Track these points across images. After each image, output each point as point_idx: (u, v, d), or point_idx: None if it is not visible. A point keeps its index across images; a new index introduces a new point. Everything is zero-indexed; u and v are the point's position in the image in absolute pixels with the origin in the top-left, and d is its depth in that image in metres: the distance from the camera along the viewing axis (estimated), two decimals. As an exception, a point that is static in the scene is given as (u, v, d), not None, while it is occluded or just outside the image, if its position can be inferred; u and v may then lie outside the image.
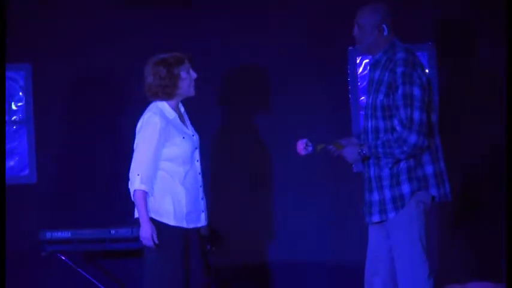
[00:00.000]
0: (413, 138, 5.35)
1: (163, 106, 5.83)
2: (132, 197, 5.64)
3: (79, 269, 7.10)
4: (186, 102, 5.90)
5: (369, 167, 5.58)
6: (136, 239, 5.87)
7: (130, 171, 5.67)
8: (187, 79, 5.82)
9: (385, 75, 5.50)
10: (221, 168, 7.57)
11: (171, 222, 5.66)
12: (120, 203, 6.55)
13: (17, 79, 7.76)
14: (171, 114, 5.84)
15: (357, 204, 5.97)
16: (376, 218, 5.49)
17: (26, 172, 7.65)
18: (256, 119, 7.68)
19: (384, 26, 5.51)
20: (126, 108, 7.35)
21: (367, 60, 7.33)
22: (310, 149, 5.66)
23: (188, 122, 5.90)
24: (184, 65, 5.83)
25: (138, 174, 5.60)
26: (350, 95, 7.45)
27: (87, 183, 7.60)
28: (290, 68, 7.48)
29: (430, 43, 7.28)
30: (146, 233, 5.62)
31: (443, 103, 7.01)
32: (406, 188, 5.43)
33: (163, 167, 5.70)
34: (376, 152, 5.47)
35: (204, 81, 6.07)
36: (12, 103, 7.81)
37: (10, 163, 7.72)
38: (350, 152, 5.55)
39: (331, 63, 7.43)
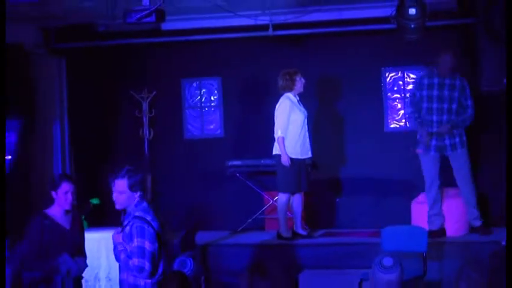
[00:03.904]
0: (473, 113, 7.67)
1: (289, 95, 7.94)
2: (276, 141, 7.85)
3: (246, 181, 9.07)
4: (300, 94, 8.06)
5: (451, 129, 7.62)
6: (274, 165, 8.02)
7: (275, 128, 7.89)
8: (299, 82, 7.92)
9: (456, 82, 7.64)
10: (324, 129, 9.07)
11: (293, 156, 7.94)
12: (266, 146, 8.27)
13: (214, 85, 9.55)
14: (293, 99, 7.94)
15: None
16: (449, 152, 7.66)
17: (219, 131, 9.57)
18: (333, 103, 9.28)
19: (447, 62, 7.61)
20: (270, 96, 8.63)
21: (392, 74, 9.09)
22: (421, 149, 7.56)
23: (301, 104, 8.06)
24: (298, 74, 7.92)
25: (279, 130, 7.86)
26: (382, 94, 9.15)
27: (247, 136, 9.21)
28: (352, 77, 9.13)
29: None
30: (284, 158, 7.83)
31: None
32: (464, 137, 7.76)
33: (290, 128, 7.90)
34: (458, 125, 7.61)
35: (309, 84, 8.30)
36: (212, 97, 9.59)
37: (211, 126, 9.47)
38: (444, 129, 7.59)
39: (373, 77, 9.10)
